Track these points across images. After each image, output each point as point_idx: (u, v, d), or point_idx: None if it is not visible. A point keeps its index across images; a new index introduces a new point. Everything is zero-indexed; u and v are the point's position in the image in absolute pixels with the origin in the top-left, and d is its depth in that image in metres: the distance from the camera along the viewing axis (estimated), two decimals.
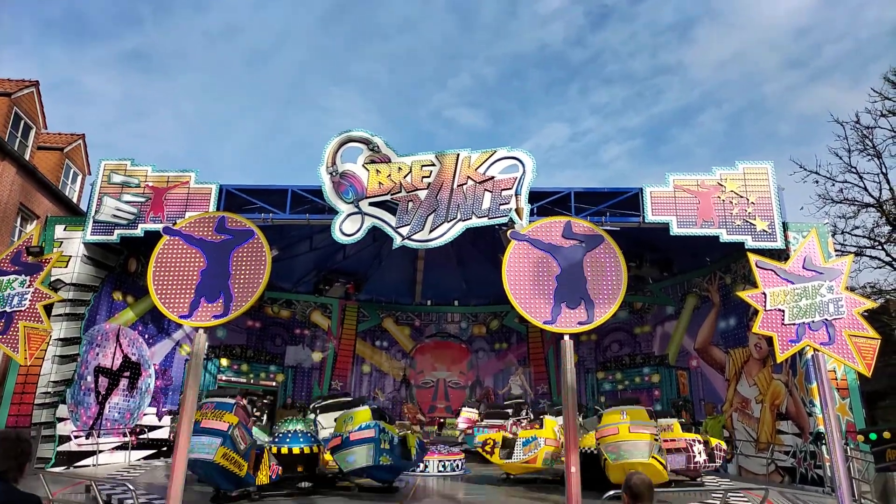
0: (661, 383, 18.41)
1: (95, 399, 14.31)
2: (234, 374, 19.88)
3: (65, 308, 13.60)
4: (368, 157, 13.74)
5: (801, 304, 7.64)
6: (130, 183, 14.18)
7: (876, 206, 21.79)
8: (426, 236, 13.23)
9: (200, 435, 8.72)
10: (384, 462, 10.21)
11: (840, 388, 12.36)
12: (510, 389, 21.45)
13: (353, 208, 13.48)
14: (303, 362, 21.52)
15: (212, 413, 9.28)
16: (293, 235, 17.76)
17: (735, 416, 15.14)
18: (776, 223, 13.13)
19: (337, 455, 10.43)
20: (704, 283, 16.94)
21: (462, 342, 22.87)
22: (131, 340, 15.65)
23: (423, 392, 22.05)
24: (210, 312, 7.04)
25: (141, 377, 15.87)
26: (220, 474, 9.13)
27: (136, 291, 15.66)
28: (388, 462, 10.32)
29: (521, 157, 13.45)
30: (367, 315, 22.63)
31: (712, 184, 13.52)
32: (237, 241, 7.38)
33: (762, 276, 7.84)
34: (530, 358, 22.12)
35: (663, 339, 18.72)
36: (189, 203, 13.87)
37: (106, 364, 14.71)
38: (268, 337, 21.26)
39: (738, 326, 15.46)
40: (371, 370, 22.23)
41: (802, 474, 12.56)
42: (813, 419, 12.27)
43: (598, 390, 20.07)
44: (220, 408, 9.44)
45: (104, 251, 14.58)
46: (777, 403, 13.78)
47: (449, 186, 13.43)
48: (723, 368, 15.91)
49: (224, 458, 8.87)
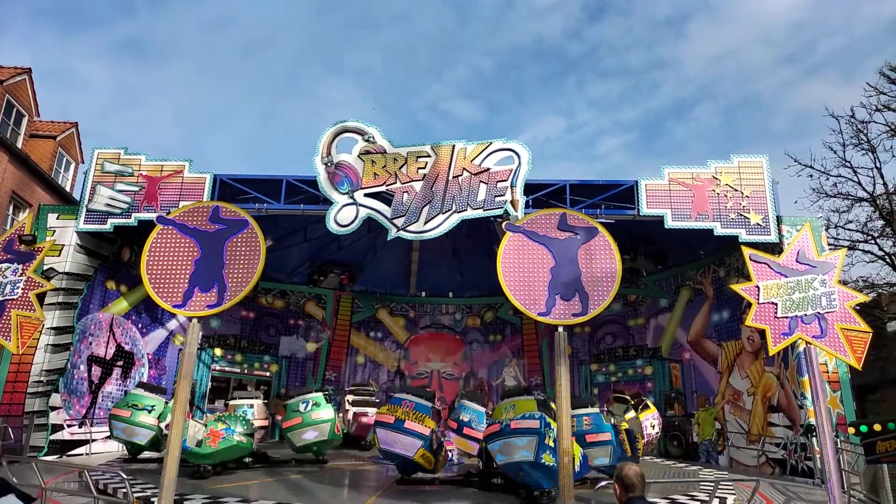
0: (654, 375, 18.51)
1: (88, 388, 14.29)
2: (227, 364, 19.88)
3: (58, 297, 13.55)
4: (364, 148, 13.69)
5: (793, 297, 7.68)
6: (124, 172, 14.10)
7: (869, 201, 21.91)
8: (421, 228, 13.21)
9: (403, 434, 10.39)
10: (547, 462, 8.56)
11: (831, 380, 12.45)
12: (504, 381, 21.52)
13: (348, 199, 13.44)
14: (297, 353, 21.52)
15: (414, 415, 10.61)
16: (287, 226, 17.71)
17: (727, 408, 15.24)
18: (770, 217, 13.17)
19: (492, 444, 9.28)
20: (698, 276, 17.00)
21: (456, 333, 22.91)
22: (125, 330, 15.62)
23: (417, 383, 22.09)
24: (204, 302, 7.03)
25: (134, 367, 15.85)
26: (419, 468, 10.92)
27: (129, 281, 15.61)
28: (552, 463, 8.49)
29: (516, 148, 13.43)
30: (361, 306, 22.63)
31: (707, 177, 13.55)
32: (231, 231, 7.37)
33: (756, 269, 7.87)
34: (524, 349, 22.19)
35: (657, 331, 18.80)
36: (183, 192, 13.81)
37: (99, 353, 14.68)
38: (262, 327, 21.25)
39: (731, 319, 15.53)
40: (365, 361, 22.26)
41: (793, 466, 12.67)
42: (804, 412, 12.37)
43: (592, 382, 20.15)
44: (420, 410, 10.73)
45: (97, 240, 14.52)
46: (769, 396, 13.88)
47: (444, 178, 13.41)
48: (715, 361, 16.00)
49: (422, 458, 10.55)
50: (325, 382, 20.49)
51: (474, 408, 11.96)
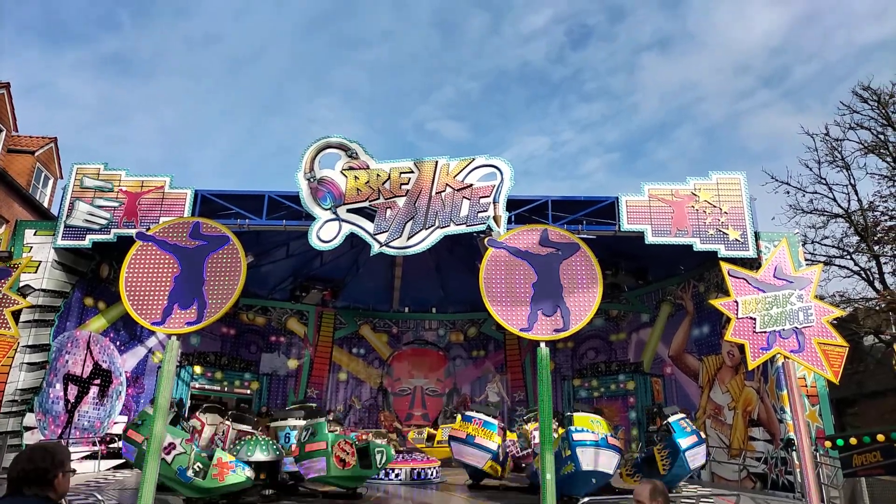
0: (636, 390, 18.57)
1: (64, 407, 14.00)
2: (207, 382, 19.60)
3: (34, 314, 13.30)
4: (347, 164, 13.70)
5: (771, 312, 7.78)
6: (104, 187, 13.95)
7: (844, 217, 22.33)
8: (404, 243, 13.21)
9: (474, 448, 12.07)
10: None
11: (810, 394, 12.59)
12: (487, 397, 21.48)
13: (331, 214, 13.41)
14: (278, 370, 21.29)
15: (483, 431, 12.14)
16: (270, 242, 17.61)
17: (708, 422, 15.33)
18: (748, 232, 13.36)
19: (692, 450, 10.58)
20: (678, 291, 17.16)
21: (439, 349, 22.85)
22: (102, 347, 15.36)
23: (400, 400, 21.96)
24: (183, 319, 6.96)
25: (112, 385, 15.57)
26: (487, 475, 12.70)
27: (107, 297, 15.38)
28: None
29: (499, 164, 13.52)
30: (344, 322, 22.50)
31: (686, 193, 13.73)
32: (212, 247, 7.33)
33: (734, 284, 7.98)
34: (507, 365, 22.16)
35: (638, 346, 18.90)
36: (164, 208, 13.68)
37: (76, 371, 14.41)
38: (243, 344, 21.01)
39: (712, 334, 15.68)
40: (348, 378, 22.07)
41: (773, 480, 12.75)
42: (784, 426, 12.48)
43: (574, 398, 20.17)
44: (487, 427, 12.27)
45: (75, 256, 14.32)
46: (749, 410, 13.99)
47: (427, 193, 13.45)
48: (696, 375, 16.11)
49: (490, 468, 12.34)
50: (306, 400, 20.26)
51: (486, 419, 12.70)
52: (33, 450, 2.64)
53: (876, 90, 21.17)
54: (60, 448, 2.71)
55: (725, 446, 14.54)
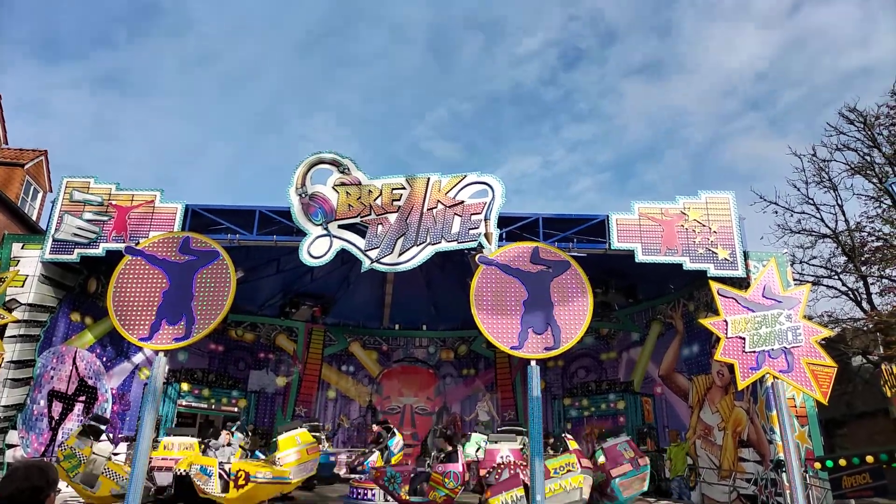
0: (626, 410, 18.51)
1: (48, 425, 13.78)
2: (194, 399, 19.37)
3: (19, 329, 13.14)
4: (339, 180, 13.71)
5: (760, 331, 7.81)
6: (93, 201, 13.87)
7: (832, 237, 22.51)
8: (395, 259, 13.20)
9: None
10: None
11: (799, 415, 12.60)
12: (477, 416, 21.35)
13: (322, 230, 13.39)
14: (266, 387, 21.08)
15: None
16: (260, 257, 17.54)
17: (698, 443, 15.28)
18: (737, 252, 13.45)
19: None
20: (668, 310, 17.20)
21: (430, 367, 22.72)
22: (88, 363, 15.17)
23: (389, 418, 21.75)
24: (171, 335, 6.89)
25: (97, 402, 15.35)
26: None
27: (95, 312, 15.23)
28: None
29: (490, 181, 13.58)
30: (333, 339, 22.36)
31: (676, 212, 13.83)
32: (201, 262, 7.28)
33: (724, 303, 8.01)
34: (498, 384, 22.05)
35: (629, 365, 18.89)
36: (154, 222, 13.61)
37: (61, 388, 14.20)
38: (231, 361, 20.81)
39: (702, 353, 15.69)
40: (336, 396, 21.89)
41: (763, 502, 12.69)
42: (773, 446, 12.46)
43: (565, 417, 20.08)
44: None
45: (63, 270, 14.18)
46: (739, 431, 13.96)
47: (419, 210, 13.46)
48: (686, 395, 16.09)
49: None
50: (294, 418, 20.06)
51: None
52: (28, 468, 2.61)
53: (862, 112, 21.48)
54: (52, 467, 2.70)
55: (715, 467, 14.49)
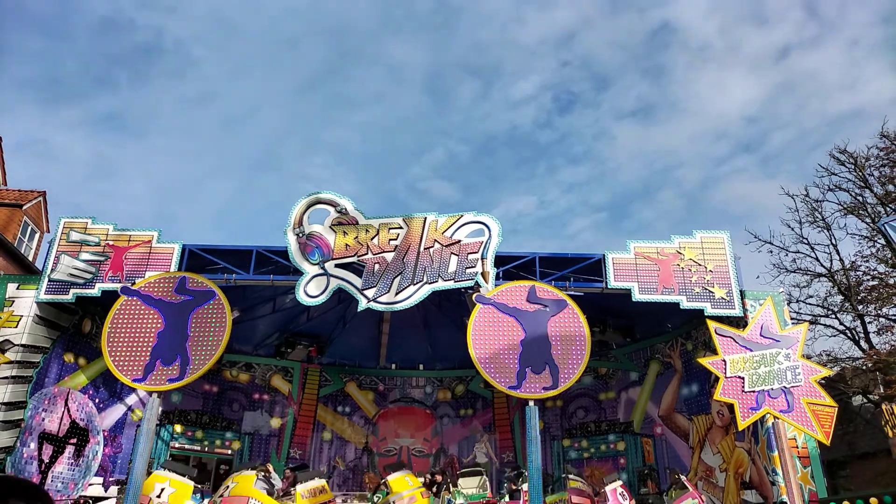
0: (626, 451, 18.23)
1: (38, 468, 13.49)
2: (187, 441, 19.03)
3: (12, 370, 12.98)
4: (336, 219, 13.78)
5: (759, 371, 7.78)
6: (89, 241, 13.88)
7: (828, 276, 22.60)
8: (392, 299, 13.17)
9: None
10: None
11: (801, 456, 12.40)
12: (475, 457, 20.96)
13: (319, 270, 13.39)
14: (260, 429, 20.74)
15: None
16: (256, 296, 17.48)
17: (700, 485, 15.01)
18: (734, 291, 13.45)
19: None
20: (667, 348, 17.11)
21: (427, 407, 22.42)
22: (80, 405, 14.92)
23: (385, 460, 21.34)
24: (165, 376, 6.83)
25: (88, 444, 15.05)
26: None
27: (88, 353, 15.07)
28: None
29: (487, 221, 13.66)
30: (329, 379, 22.10)
31: (671, 252, 13.89)
32: (197, 302, 7.27)
33: (722, 343, 8.00)
34: (496, 424, 21.74)
35: (628, 405, 18.68)
36: (150, 262, 13.56)
37: (52, 430, 13.94)
38: (225, 402, 20.52)
39: (701, 393, 15.55)
40: (332, 437, 21.52)
41: None
42: (776, 488, 12.24)
43: (565, 458, 19.75)
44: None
45: (58, 311, 14.09)
46: (741, 472, 13.74)
47: (416, 249, 13.50)
48: (687, 436, 15.88)
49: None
50: (288, 461, 19.69)
51: None
52: (29, 482, 2.55)
53: (853, 153, 21.84)
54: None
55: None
